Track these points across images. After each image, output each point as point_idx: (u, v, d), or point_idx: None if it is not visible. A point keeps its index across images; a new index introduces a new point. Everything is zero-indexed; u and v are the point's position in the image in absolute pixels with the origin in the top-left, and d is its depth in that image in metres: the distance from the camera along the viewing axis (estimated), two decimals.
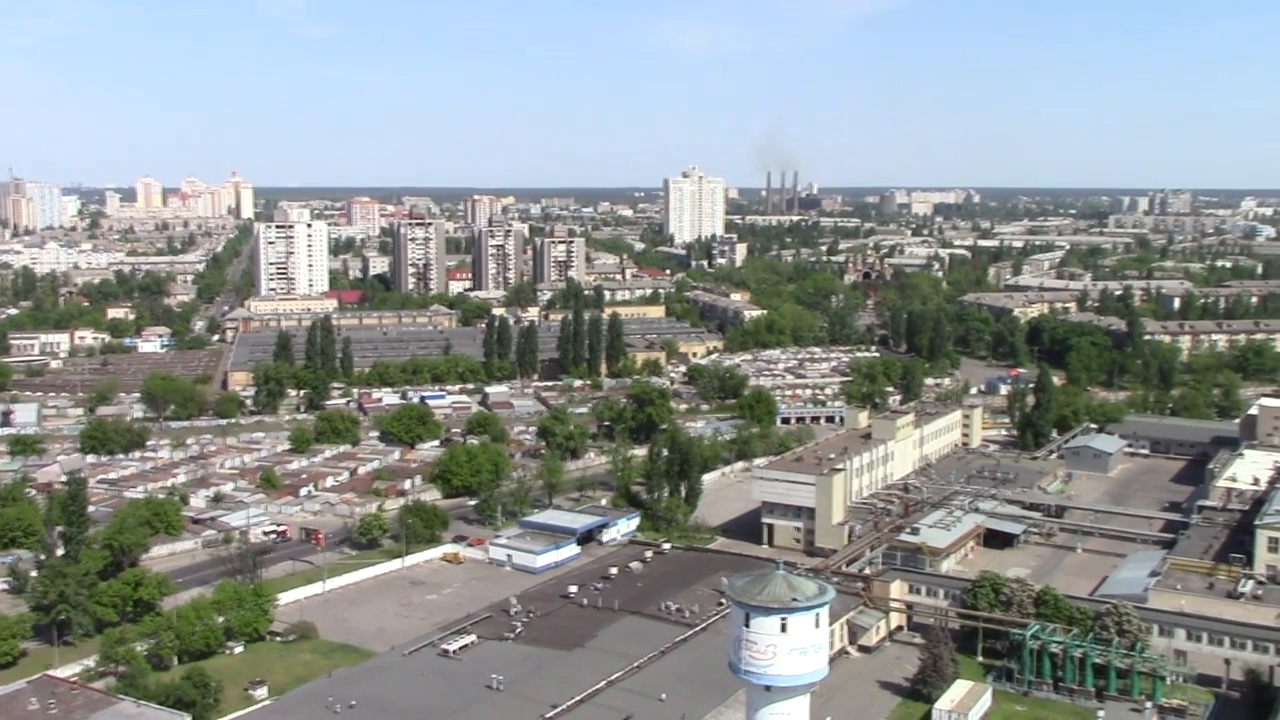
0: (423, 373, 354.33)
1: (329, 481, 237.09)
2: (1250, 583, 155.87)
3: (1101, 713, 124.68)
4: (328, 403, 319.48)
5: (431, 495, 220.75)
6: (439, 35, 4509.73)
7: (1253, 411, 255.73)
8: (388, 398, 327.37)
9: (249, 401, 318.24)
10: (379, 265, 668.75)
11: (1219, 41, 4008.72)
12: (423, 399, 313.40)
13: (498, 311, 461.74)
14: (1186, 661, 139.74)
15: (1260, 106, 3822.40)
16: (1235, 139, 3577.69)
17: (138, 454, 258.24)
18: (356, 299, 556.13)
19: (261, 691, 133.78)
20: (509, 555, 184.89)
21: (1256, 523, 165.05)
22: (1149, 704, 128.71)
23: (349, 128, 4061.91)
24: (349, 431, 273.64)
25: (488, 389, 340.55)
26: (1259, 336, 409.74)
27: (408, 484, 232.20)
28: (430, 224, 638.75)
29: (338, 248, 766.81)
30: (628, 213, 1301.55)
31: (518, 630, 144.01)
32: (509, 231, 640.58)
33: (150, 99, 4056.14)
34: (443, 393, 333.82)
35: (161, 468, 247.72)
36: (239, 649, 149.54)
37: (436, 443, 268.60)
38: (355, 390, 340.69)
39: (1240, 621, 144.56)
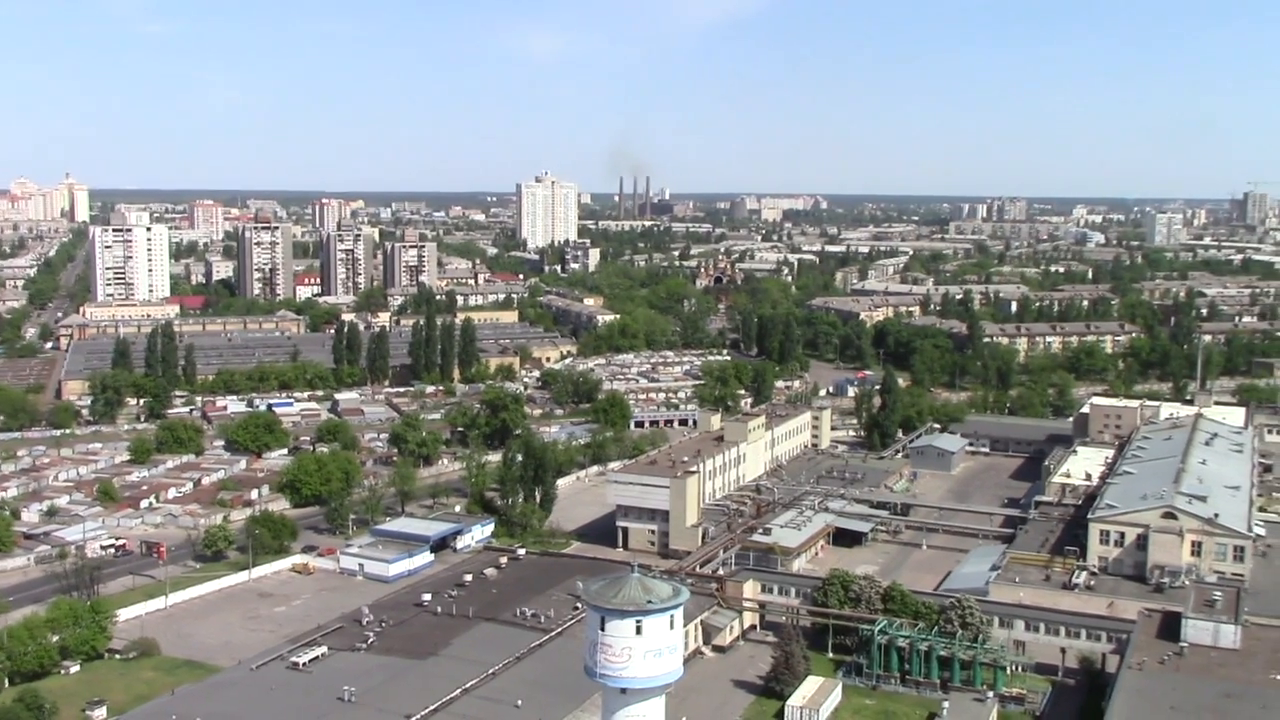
0: (270, 380, 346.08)
1: (171, 493, 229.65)
2: (1084, 574, 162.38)
3: (946, 704, 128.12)
4: (169, 412, 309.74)
5: (280, 505, 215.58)
6: (285, 35, 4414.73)
7: (1085, 410, 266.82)
8: (233, 406, 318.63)
9: (85, 411, 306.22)
10: (223, 270, 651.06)
11: (1052, 57, 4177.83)
12: (270, 407, 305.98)
13: (347, 317, 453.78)
14: (1025, 651, 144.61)
15: (1089, 119, 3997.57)
16: (1067, 150, 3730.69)
17: None
18: (200, 305, 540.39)
19: (100, 712, 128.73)
20: (361, 564, 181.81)
21: (1089, 516, 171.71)
22: (991, 693, 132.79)
23: (191, 129, 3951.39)
24: (192, 441, 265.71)
25: (338, 396, 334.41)
26: (1090, 338, 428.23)
27: (255, 494, 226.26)
28: (277, 228, 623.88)
29: (179, 252, 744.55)
30: (480, 217, 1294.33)
31: (370, 640, 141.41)
32: (358, 236, 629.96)
33: None
34: (291, 400, 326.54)
35: None
36: (75, 668, 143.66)
37: (285, 451, 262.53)
38: (199, 398, 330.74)
39: (1075, 611, 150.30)
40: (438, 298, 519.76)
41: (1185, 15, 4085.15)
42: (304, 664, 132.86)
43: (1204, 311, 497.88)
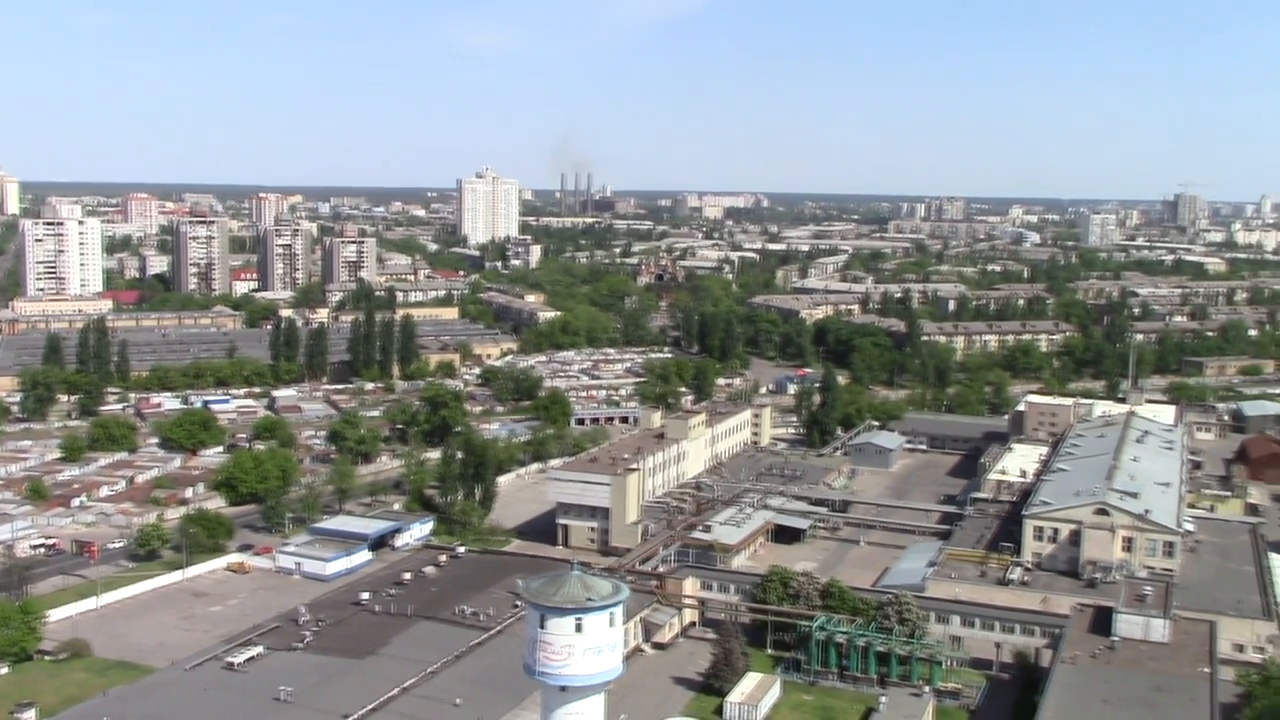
0: (206, 376, 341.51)
1: (104, 491, 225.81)
2: (1018, 570, 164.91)
3: (883, 699, 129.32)
4: (103, 408, 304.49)
5: (216, 503, 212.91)
6: (223, 27, 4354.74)
7: (1021, 408, 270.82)
8: (168, 403, 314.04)
9: (15, 408, 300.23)
10: (158, 265, 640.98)
11: (989, 60, 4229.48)
12: (206, 404, 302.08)
13: (285, 313, 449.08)
14: (961, 646, 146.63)
15: (1026, 120, 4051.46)
16: (1004, 150, 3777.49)
17: None
18: (134, 300, 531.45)
19: (29, 714, 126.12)
20: (298, 563, 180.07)
21: (1024, 513, 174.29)
22: (927, 688, 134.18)
23: (126, 121, 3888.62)
24: (126, 438, 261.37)
25: (275, 393, 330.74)
26: (1026, 337, 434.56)
27: (190, 492, 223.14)
28: (213, 222, 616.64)
29: (113, 246, 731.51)
30: (421, 213, 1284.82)
31: (307, 640, 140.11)
32: (297, 231, 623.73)
33: None
34: (227, 397, 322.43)
35: None
36: (4, 670, 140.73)
37: (221, 449, 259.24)
38: (132, 395, 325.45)
39: (1009, 607, 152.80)
40: (377, 294, 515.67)
41: (1117, 21, 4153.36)
42: (239, 664, 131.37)
43: (1136, 311, 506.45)
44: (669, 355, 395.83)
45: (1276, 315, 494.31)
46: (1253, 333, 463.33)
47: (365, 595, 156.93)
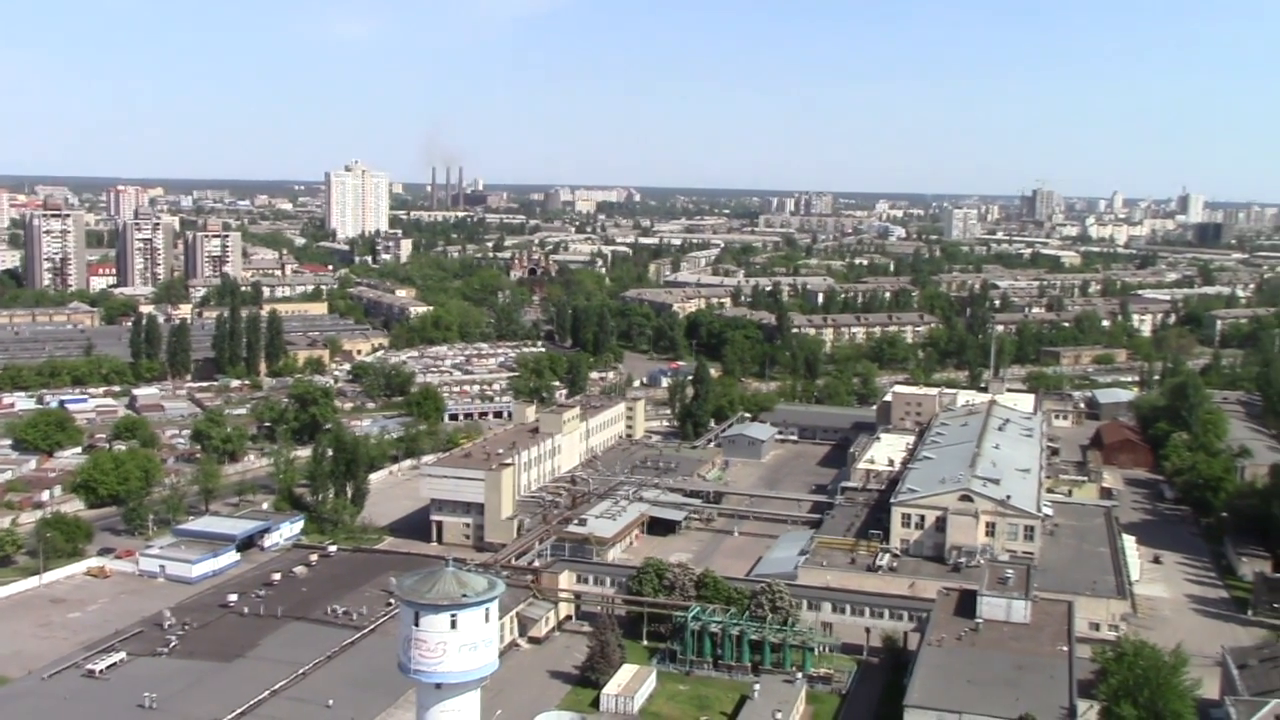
0: (61, 375, 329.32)
1: None
2: (887, 556, 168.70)
3: (757, 686, 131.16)
4: None
5: (74, 506, 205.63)
6: (77, 10, 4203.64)
7: (887, 398, 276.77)
8: (21, 403, 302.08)
9: None
10: (9, 260, 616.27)
11: (853, 55, 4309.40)
12: (62, 403, 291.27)
13: (146, 309, 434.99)
14: (832, 632, 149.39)
15: (891, 117, 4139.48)
16: (870, 146, 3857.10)
17: None
18: None
19: None
20: (162, 566, 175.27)
21: (892, 501, 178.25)
22: (800, 674, 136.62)
23: None
24: None
25: (136, 391, 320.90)
26: (892, 329, 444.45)
27: (46, 495, 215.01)
28: (68, 215, 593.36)
29: None
30: (287, 206, 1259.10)
31: (172, 644, 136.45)
32: (157, 224, 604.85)
33: None
34: (85, 396, 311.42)
35: None
36: None
37: (79, 450, 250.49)
38: None
39: (878, 592, 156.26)
40: (243, 289, 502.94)
41: (975, 20, 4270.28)
42: (100, 671, 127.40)
43: (997, 303, 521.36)
44: (542, 349, 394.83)
45: (1128, 306, 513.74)
46: (1105, 323, 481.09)
47: (233, 597, 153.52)
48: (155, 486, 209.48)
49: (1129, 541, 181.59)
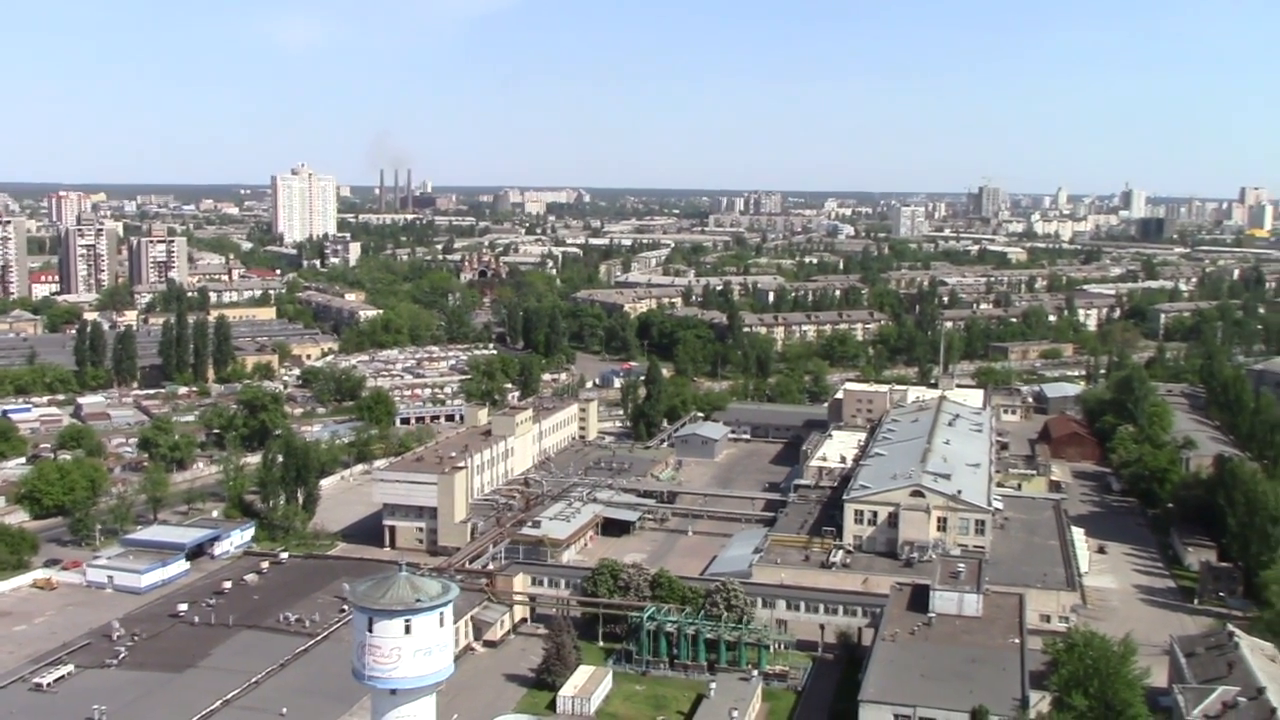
0: (4, 384, 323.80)
1: None
2: (840, 553, 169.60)
3: (713, 685, 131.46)
4: None
5: (18, 517, 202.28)
6: (16, 11, 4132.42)
7: (839, 396, 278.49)
8: None
9: None
10: None
11: (802, 56, 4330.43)
12: (5, 413, 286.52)
13: (90, 316, 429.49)
14: (787, 629, 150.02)
15: (838, 114, 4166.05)
16: (819, 145, 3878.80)
17: None
18: None
19: None
20: (110, 576, 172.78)
21: (844, 497, 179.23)
22: (755, 672, 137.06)
23: None
24: None
25: (81, 400, 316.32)
26: (842, 326, 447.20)
27: None
28: (9, 221, 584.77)
29: None
30: (234, 211, 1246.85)
31: (121, 656, 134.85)
32: (100, 230, 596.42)
33: None
34: (28, 405, 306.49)
35: None
36: None
37: (22, 460, 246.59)
38: None
39: (832, 589, 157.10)
40: (189, 294, 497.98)
41: (921, 20, 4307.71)
42: (48, 684, 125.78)
43: (945, 299, 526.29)
44: (494, 352, 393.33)
45: (1073, 301, 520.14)
46: (1052, 318, 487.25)
47: (183, 606, 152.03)
48: (102, 496, 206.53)
49: (1078, 534, 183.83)
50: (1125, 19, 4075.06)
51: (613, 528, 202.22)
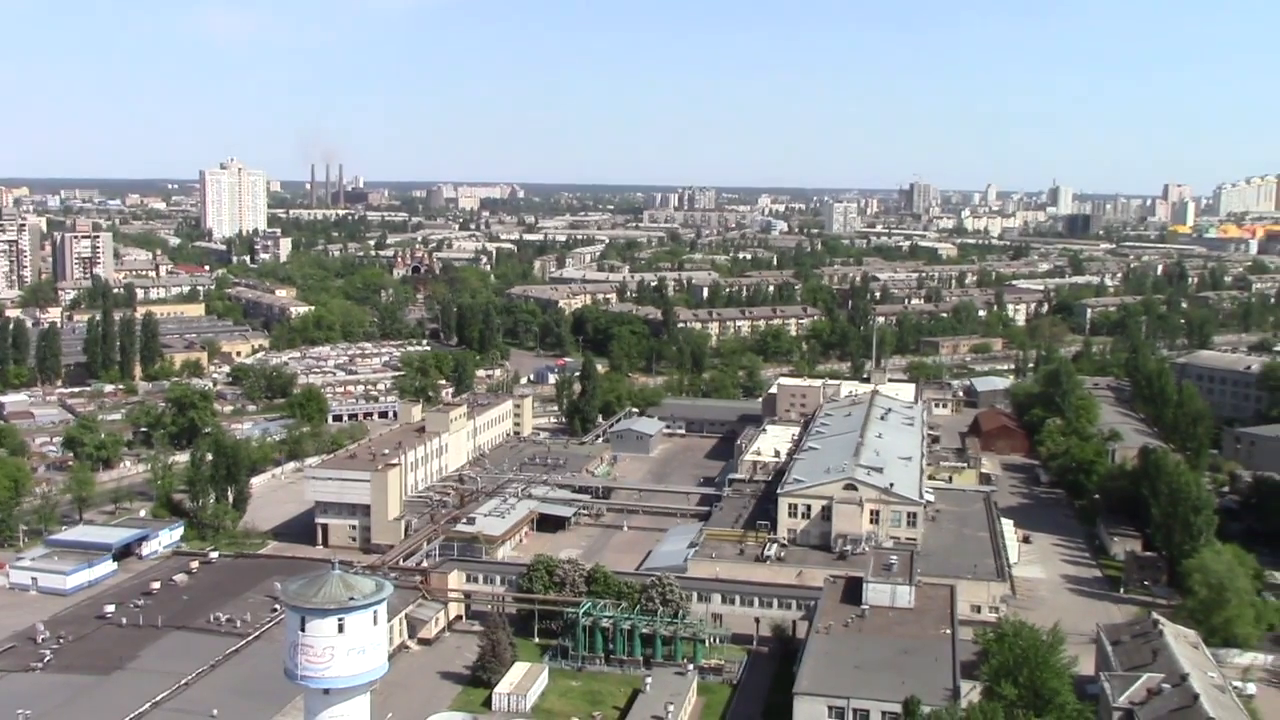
0: None
1: None
2: (774, 546, 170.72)
3: (649, 679, 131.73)
4: None
5: None
6: None
7: (773, 391, 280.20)
8: None
9: None
10: None
11: (730, 52, 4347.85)
12: None
13: (13, 313, 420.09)
14: (723, 623, 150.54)
15: (772, 112, 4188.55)
16: (752, 141, 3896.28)
17: None
18: None
19: None
20: (34, 578, 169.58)
21: (778, 491, 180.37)
22: (691, 666, 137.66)
23: None
24: None
25: (3, 399, 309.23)
26: (776, 321, 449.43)
27: None
28: None
29: None
30: (161, 206, 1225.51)
31: (46, 659, 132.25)
32: (23, 225, 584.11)
33: None
34: None
35: None
36: None
37: None
38: None
39: (767, 582, 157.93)
40: (115, 291, 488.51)
41: (849, 15, 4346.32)
42: None
43: (877, 295, 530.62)
44: (427, 348, 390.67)
45: (1003, 296, 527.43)
46: (981, 313, 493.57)
47: (110, 608, 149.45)
48: (25, 496, 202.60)
49: (1007, 525, 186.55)
50: (1047, 17, 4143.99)
51: (548, 524, 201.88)
